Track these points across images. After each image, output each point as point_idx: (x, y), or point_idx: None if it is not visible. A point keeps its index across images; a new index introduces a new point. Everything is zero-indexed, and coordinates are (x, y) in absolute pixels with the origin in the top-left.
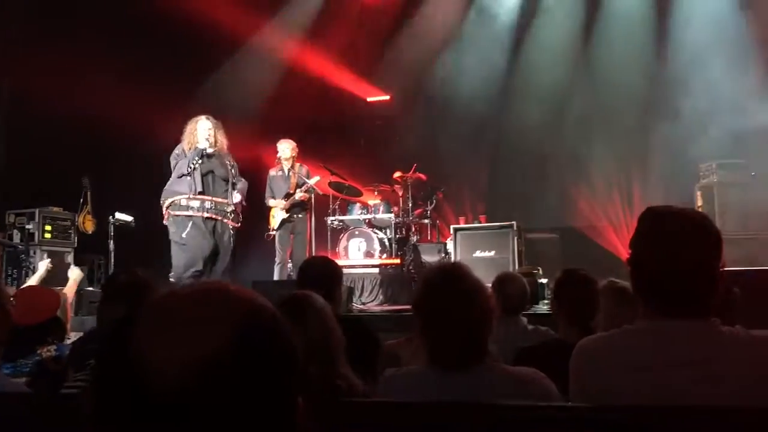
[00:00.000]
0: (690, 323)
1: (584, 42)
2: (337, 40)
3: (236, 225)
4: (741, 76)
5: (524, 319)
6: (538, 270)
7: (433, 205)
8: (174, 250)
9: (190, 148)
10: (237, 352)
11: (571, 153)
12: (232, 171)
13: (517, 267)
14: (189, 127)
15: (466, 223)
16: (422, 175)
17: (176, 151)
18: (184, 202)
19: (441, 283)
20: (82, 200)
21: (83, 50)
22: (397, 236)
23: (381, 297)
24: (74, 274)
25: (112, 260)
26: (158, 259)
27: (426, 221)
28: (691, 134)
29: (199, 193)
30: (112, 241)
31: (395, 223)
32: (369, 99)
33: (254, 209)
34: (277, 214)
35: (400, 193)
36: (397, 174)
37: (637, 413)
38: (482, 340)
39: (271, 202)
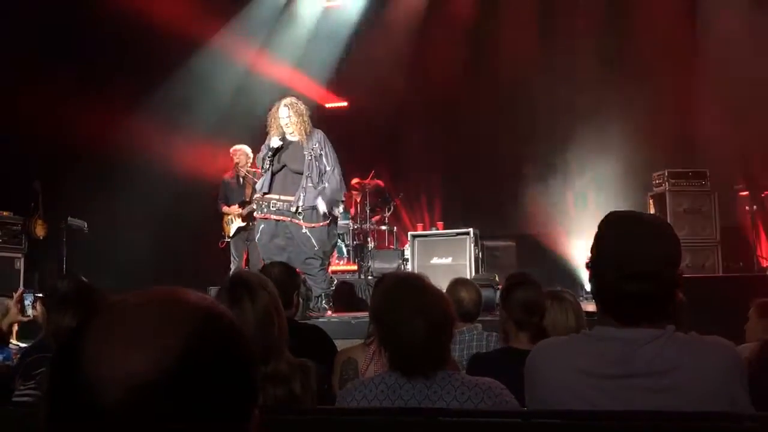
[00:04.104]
0: (648, 330)
1: (541, 46)
2: (294, 45)
3: (314, 225)
4: (693, 83)
5: (479, 326)
6: (495, 277)
7: (390, 212)
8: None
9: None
10: (191, 362)
11: (527, 160)
12: (314, 161)
13: (473, 274)
14: (270, 115)
15: (424, 229)
16: (380, 182)
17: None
18: (258, 203)
19: (400, 293)
20: (33, 205)
21: (33, 53)
22: (355, 243)
23: (338, 303)
24: None
25: (65, 265)
26: (111, 264)
27: (384, 227)
28: (644, 142)
29: (266, 194)
30: (65, 246)
31: (353, 230)
32: (327, 105)
33: (214, 213)
34: (233, 222)
35: (358, 200)
36: (355, 180)
37: (593, 419)
38: (443, 348)
39: (225, 209)
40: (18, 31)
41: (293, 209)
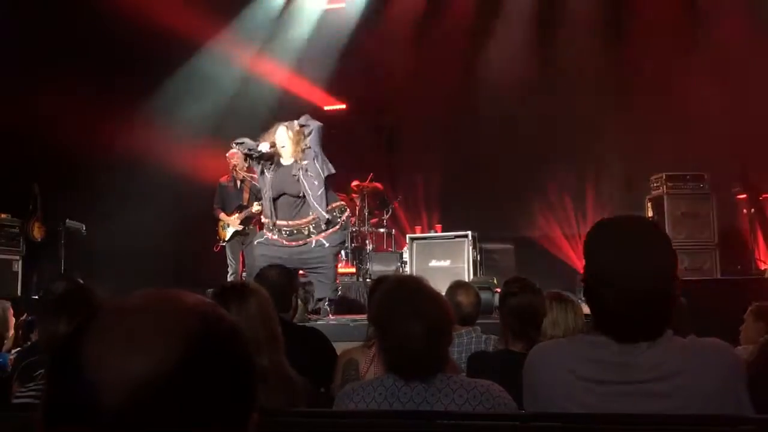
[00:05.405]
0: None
1: (540, 49)
2: (293, 48)
3: (326, 232)
4: (691, 85)
5: (479, 329)
6: (493, 280)
7: (389, 214)
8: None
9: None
10: (191, 364)
11: (526, 163)
12: (304, 178)
13: (472, 277)
14: (268, 134)
15: (422, 232)
16: (378, 184)
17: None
18: (268, 227)
19: (397, 296)
20: (31, 207)
21: (31, 56)
22: (353, 245)
23: (336, 306)
24: None
25: (63, 267)
26: (109, 266)
27: (382, 230)
28: (643, 145)
29: (276, 222)
30: (63, 248)
31: (351, 233)
32: (326, 108)
33: (210, 217)
34: (229, 227)
35: (357, 203)
36: (354, 183)
37: (591, 422)
38: (441, 350)
39: (222, 217)
40: (18, 31)
41: (307, 229)
